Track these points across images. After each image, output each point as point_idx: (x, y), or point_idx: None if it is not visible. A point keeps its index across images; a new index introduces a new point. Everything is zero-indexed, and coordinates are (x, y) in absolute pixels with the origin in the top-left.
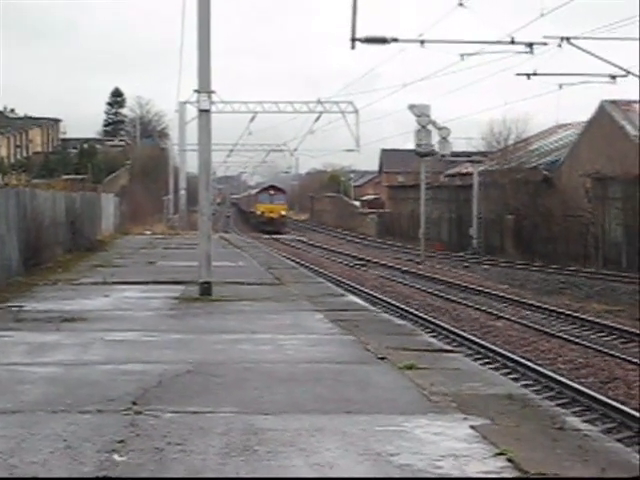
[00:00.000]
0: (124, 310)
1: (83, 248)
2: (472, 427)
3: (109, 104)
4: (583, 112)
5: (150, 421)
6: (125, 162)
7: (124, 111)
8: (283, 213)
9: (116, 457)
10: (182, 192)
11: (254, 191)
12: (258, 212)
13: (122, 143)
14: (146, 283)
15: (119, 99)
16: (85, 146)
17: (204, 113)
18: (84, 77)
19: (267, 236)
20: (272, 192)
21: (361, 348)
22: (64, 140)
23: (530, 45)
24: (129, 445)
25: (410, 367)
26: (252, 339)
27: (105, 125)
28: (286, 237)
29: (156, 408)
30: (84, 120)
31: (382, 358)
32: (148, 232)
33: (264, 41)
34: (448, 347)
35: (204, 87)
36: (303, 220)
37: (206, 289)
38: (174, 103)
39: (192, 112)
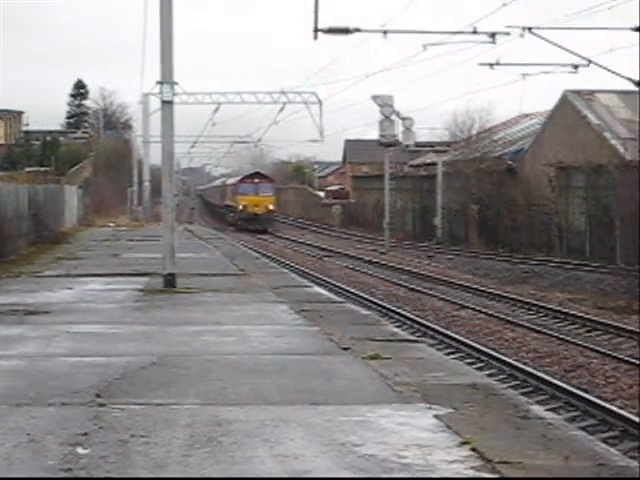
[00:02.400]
0: (88, 302)
1: (47, 241)
2: (436, 416)
3: (72, 96)
4: (546, 102)
5: (114, 413)
6: (89, 154)
7: (87, 103)
8: (271, 207)
9: (79, 450)
10: (146, 184)
11: (232, 180)
12: (239, 206)
13: (85, 135)
14: (110, 275)
15: (82, 91)
16: (48, 138)
17: (167, 104)
18: (46, 69)
19: (232, 228)
20: (257, 180)
21: (325, 339)
22: (27, 132)
23: (493, 35)
24: (93, 438)
25: (374, 357)
26: (216, 330)
27: (68, 117)
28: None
29: (120, 400)
30: (47, 112)
31: (346, 349)
32: (112, 224)
33: (227, 32)
34: (412, 337)
35: (166, 78)
36: None
37: (170, 281)
38: (138, 95)
39: (156, 103)
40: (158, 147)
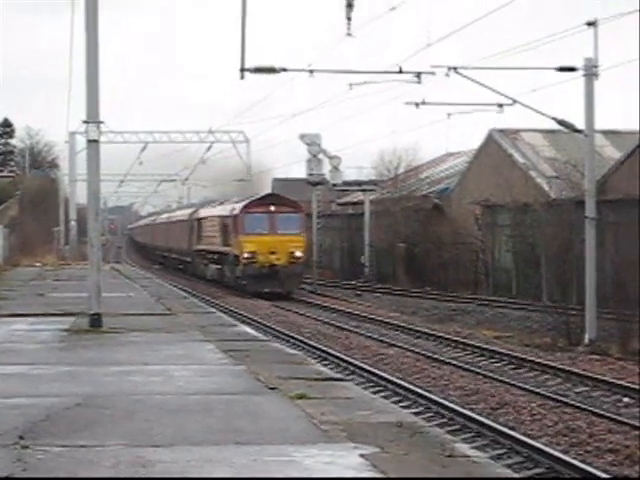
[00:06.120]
0: (12, 343)
1: None
2: (362, 455)
3: None
4: (472, 140)
5: (38, 456)
6: (14, 193)
7: (13, 141)
8: (298, 254)
9: None
10: (72, 223)
11: (225, 208)
12: (244, 254)
13: (11, 174)
14: (35, 315)
15: (8, 129)
16: None
17: (93, 143)
18: None
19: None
20: (273, 208)
21: (252, 378)
22: None
23: (418, 75)
24: None
25: (301, 397)
26: (143, 371)
27: None
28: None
29: (44, 442)
30: None
31: (273, 388)
32: (38, 264)
33: (155, 72)
34: (339, 376)
35: (92, 117)
36: None
37: (96, 320)
38: (64, 133)
39: (82, 142)
40: (85, 186)
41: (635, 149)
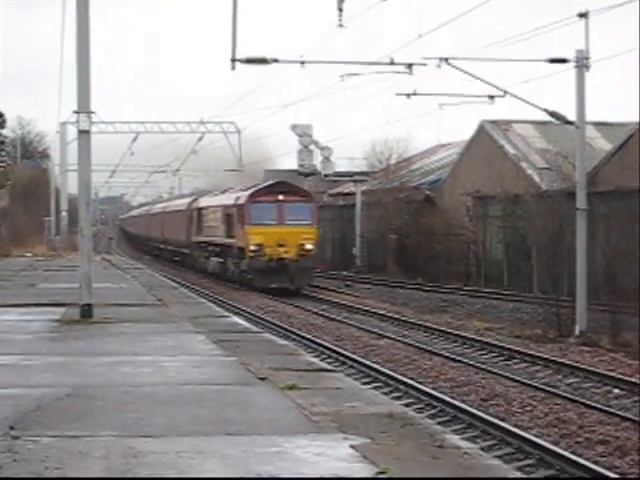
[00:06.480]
0: (3, 333)
1: None
2: (352, 447)
3: None
4: (464, 132)
5: (28, 446)
6: (6, 183)
7: (5, 132)
8: (309, 246)
9: None
10: (63, 213)
11: (230, 196)
12: (250, 246)
13: (2, 164)
14: (26, 306)
15: (0, 120)
16: None
17: (84, 134)
18: None
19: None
20: (281, 197)
21: (243, 369)
22: None
23: (409, 66)
24: (6, 470)
25: (291, 387)
26: (133, 361)
27: None
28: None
29: (34, 433)
30: None
31: (263, 379)
32: (29, 254)
33: (147, 62)
34: (330, 367)
35: (83, 108)
36: None
37: (87, 311)
38: (56, 124)
39: (74, 133)
40: (76, 176)
41: (627, 140)
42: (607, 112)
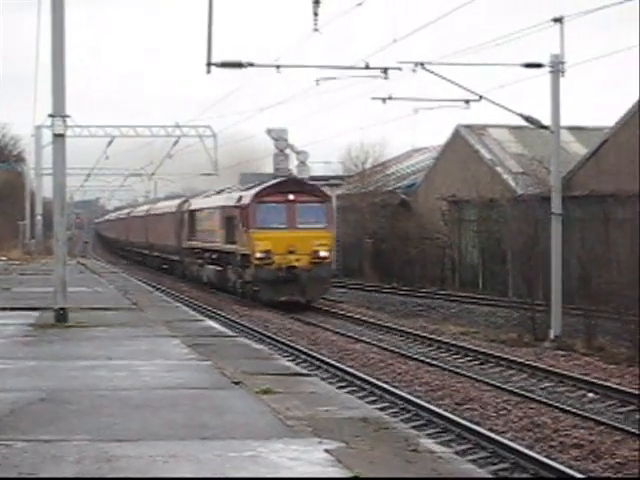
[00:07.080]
0: None
1: None
2: (327, 451)
3: None
4: (439, 136)
5: (1, 450)
6: None
7: None
8: (323, 253)
9: None
10: (38, 217)
11: (230, 196)
12: (256, 253)
13: None
14: (1, 310)
15: None
16: None
17: (59, 137)
18: None
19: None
20: (292, 197)
21: (218, 373)
22: None
23: (385, 70)
24: None
25: (266, 391)
26: (108, 365)
27: None
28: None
29: (8, 437)
30: None
31: (238, 383)
32: (4, 258)
33: (122, 65)
34: (305, 371)
35: (58, 111)
36: None
37: (62, 315)
38: (30, 127)
39: (49, 136)
40: (51, 180)
41: (601, 145)
42: (582, 116)
